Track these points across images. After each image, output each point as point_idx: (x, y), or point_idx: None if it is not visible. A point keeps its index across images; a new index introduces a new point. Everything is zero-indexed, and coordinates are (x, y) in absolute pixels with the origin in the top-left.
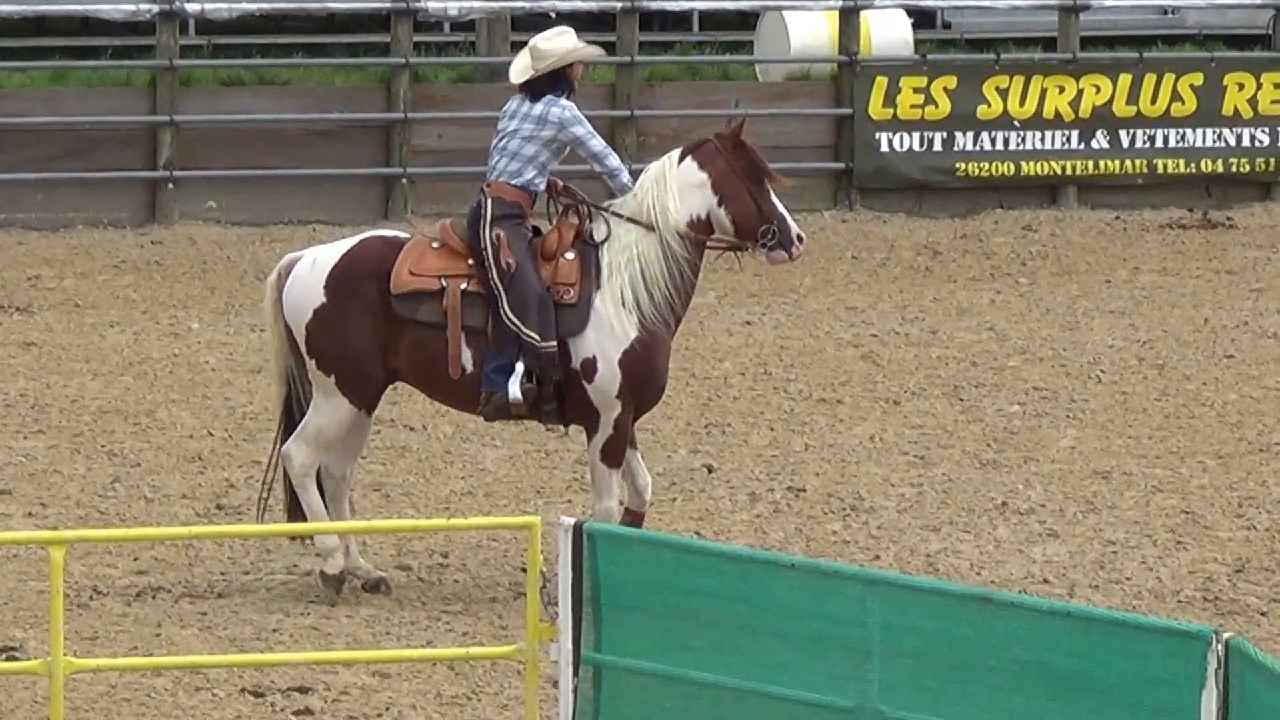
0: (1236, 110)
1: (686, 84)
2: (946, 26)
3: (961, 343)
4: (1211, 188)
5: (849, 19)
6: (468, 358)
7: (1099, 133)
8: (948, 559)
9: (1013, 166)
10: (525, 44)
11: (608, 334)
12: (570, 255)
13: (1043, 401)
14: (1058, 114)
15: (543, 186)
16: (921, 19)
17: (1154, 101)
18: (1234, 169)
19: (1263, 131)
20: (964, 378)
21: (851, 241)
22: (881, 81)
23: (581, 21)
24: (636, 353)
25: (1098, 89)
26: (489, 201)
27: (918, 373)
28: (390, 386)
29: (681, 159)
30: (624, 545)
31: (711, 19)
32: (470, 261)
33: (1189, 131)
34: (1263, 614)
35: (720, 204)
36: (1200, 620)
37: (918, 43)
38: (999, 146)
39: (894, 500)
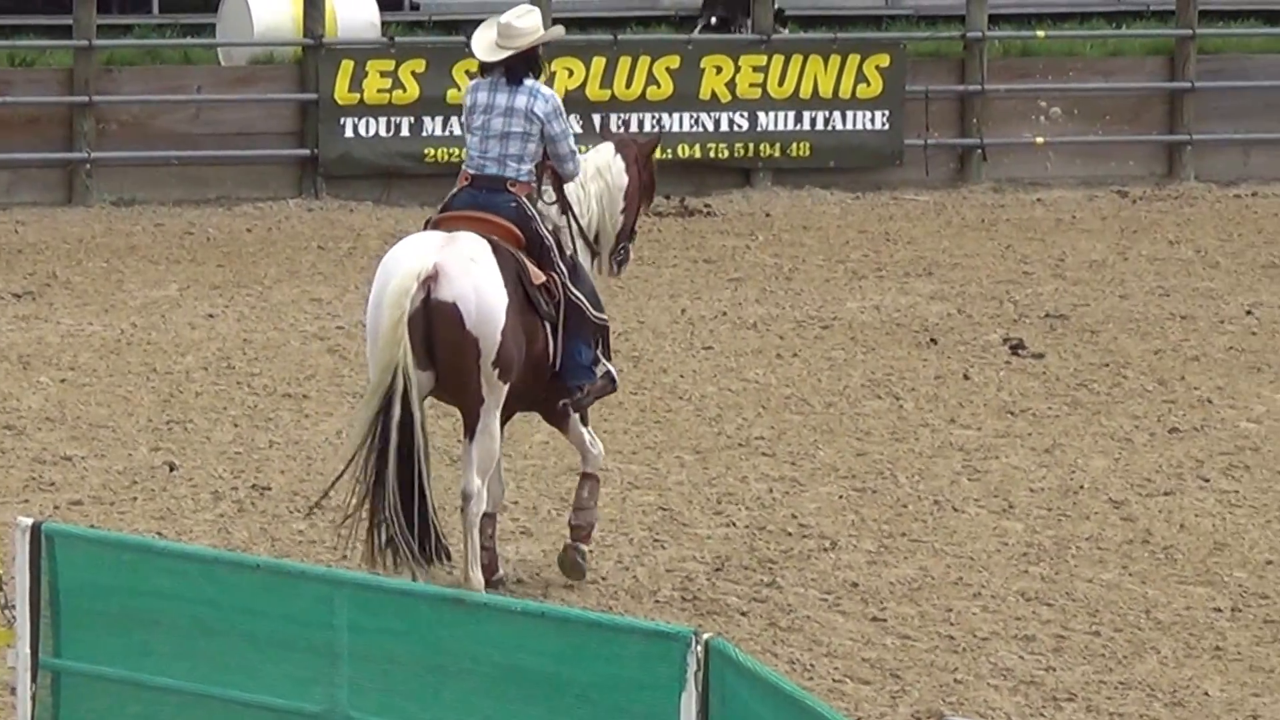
0: (714, 94)
1: (147, 69)
2: (415, 8)
3: None
4: (689, 174)
5: (314, 1)
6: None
7: (571, 117)
8: None
9: None
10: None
11: None
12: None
13: None
14: None
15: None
16: (389, 0)
17: (629, 85)
18: (712, 154)
19: (741, 116)
20: None
21: (317, 230)
22: (347, 65)
23: (37, 4)
24: None
25: (571, 72)
26: (524, 200)
27: None
28: None
29: (615, 154)
30: (83, 546)
31: (172, 1)
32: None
33: (665, 116)
34: (743, 614)
35: (623, 211)
36: (679, 620)
37: (385, 25)
38: None
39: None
